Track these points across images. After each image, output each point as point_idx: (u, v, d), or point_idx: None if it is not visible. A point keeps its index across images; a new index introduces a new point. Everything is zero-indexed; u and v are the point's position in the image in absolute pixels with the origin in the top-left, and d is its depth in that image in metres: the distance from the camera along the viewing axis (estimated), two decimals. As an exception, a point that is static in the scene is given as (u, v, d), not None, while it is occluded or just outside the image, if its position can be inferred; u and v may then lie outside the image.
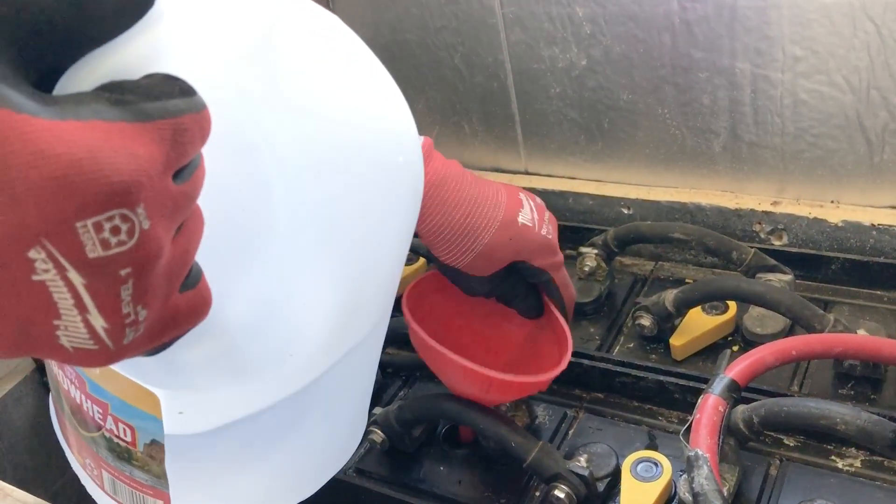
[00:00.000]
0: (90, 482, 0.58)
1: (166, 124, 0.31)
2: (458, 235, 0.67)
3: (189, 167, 0.34)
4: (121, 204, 0.29)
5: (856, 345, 0.71)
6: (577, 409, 0.84)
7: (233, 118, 0.42)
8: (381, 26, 1.13)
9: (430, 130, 1.17)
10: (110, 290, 0.31)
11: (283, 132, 0.45)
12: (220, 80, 0.41)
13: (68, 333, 0.31)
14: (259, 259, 0.46)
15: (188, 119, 0.32)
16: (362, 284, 0.52)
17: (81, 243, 0.29)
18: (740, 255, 0.87)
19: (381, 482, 0.80)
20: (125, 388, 0.48)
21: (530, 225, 0.69)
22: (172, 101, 0.32)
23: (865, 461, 0.72)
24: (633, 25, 0.95)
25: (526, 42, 1.03)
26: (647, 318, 0.86)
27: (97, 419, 0.52)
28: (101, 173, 0.28)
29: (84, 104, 0.30)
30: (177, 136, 0.32)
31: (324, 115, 0.48)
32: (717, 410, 0.64)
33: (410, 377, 0.92)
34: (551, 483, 0.70)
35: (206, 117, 0.34)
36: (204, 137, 0.34)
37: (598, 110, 1.03)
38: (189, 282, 0.36)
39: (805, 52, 0.86)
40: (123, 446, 0.51)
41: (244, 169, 0.44)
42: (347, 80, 0.51)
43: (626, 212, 1.05)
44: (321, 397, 0.55)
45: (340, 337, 0.52)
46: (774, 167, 0.96)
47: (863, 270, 0.89)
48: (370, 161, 0.50)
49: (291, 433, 0.55)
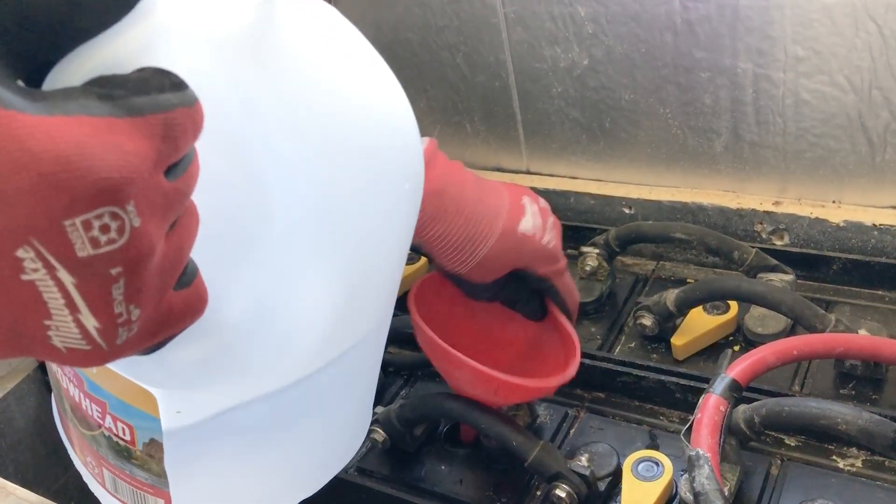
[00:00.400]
0: (92, 480, 0.57)
1: (157, 119, 0.31)
2: (457, 245, 0.66)
3: (182, 163, 0.33)
4: (110, 201, 0.29)
5: (857, 345, 0.71)
6: (578, 409, 0.84)
7: (227, 112, 0.41)
8: (383, 25, 1.13)
9: (432, 130, 1.17)
10: (101, 289, 0.30)
11: (280, 126, 0.45)
12: (213, 74, 0.41)
13: (60, 334, 0.30)
14: (255, 256, 0.45)
15: (180, 113, 0.32)
16: (361, 283, 0.51)
17: (70, 242, 0.28)
18: (742, 254, 0.87)
19: (382, 481, 0.80)
20: (123, 387, 0.48)
21: (531, 234, 0.68)
22: (163, 95, 0.31)
23: (866, 461, 0.72)
24: (635, 25, 0.95)
25: (528, 41, 1.03)
26: (649, 317, 0.86)
27: (96, 418, 0.52)
28: (89, 170, 0.28)
29: (72, 99, 0.29)
30: (168, 131, 0.31)
31: (322, 110, 0.47)
32: (719, 410, 0.64)
33: (412, 376, 0.92)
34: (552, 482, 0.70)
35: (198, 111, 0.33)
36: (196, 132, 0.33)
37: (600, 110, 1.03)
38: (184, 280, 0.36)
39: (807, 52, 0.86)
40: (123, 445, 0.51)
41: (239, 164, 0.43)
42: (346, 75, 0.50)
43: (627, 211, 1.05)
44: (321, 395, 0.54)
45: (339, 335, 0.52)
46: (776, 167, 0.96)
47: (864, 270, 0.89)
48: (370, 157, 0.49)
49: (292, 431, 0.55)
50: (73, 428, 0.56)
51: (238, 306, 0.45)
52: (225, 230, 0.42)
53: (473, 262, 0.67)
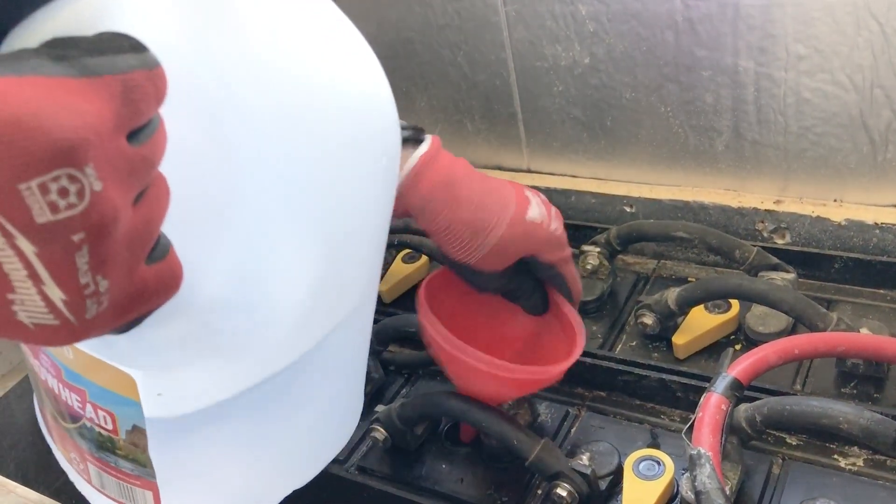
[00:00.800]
0: (79, 478, 0.56)
1: (115, 80, 0.30)
2: (469, 232, 0.67)
3: (146, 129, 0.32)
4: (66, 163, 0.28)
5: (859, 344, 0.71)
6: (579, 408, 0.84)
7: (195, 79, 0.40)
8: (384, 24, 1.13)
9: (433, 128, 1.17)
10: (64, 257, 0.29)
11: (250, 94, 0.43)
12: (178, 38, 0.40)
13: (26, 308, 0.29)
14: (230, 229, 0.44)
15: (139, 75, 0.31)
16: (341, 256, 0.49)
17: (27, 207, 0.27)
18: (743, 253, 0.87)
19: (383, 480, 0.80)
20: (101, 373, 0.47)
21: (539, 220, 0.70)
22: (121, 56, 0.30)
23: (868, 460, 0.72)
24: (636, 23, 0.95)
25: (529, 40, 1.03)
26: (650, 316, 0.86)
27: (76, 408, 0.50)
28: (42, 130, 0.27)
29: (23, 60, 0.28)
30: (128, 94, 0.30)
31: (293, 78, 0.46)
32: (720, 409, 0.64)
33: (413, 375, 0.92)
34: (553, 481, 0.70)
35: (159, 75, 0.32)
36: (159, 96, 0.32)
37: (601, 108, 1.03)
38: (156, 254, 0.35)
39: (808, 51, 0.86)
40: (106, 435, 0.50)
41: (209, 132, 0.42)
42: (317, 41, 0.48)
43: (628, 210, 1.05)
44: (308, 380, 0.53)
45: (322, 312, 0.50)
46: (777, 166, 0.95)
47: (866, 269, 0.89)
48: (343, 127, 0.48)
49: (280, 418, 0.54)
50: (55, 423, 0.55)
51: (215, 282, 0.43)
52: (197, 202, 0.41)
53: (485, 249, 0.68)
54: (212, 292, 0.43)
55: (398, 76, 1.18)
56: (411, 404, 0.78)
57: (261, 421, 0.53)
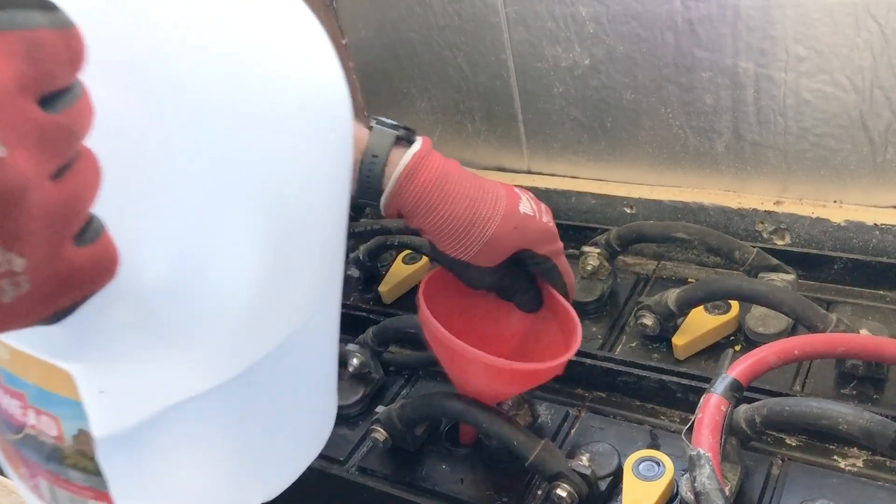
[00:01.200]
0: (31, 496, 0.53)
1: (15, 36, 0.27)
2: (464, 227, 0.67)
3: (65, 95, 0.30)
4: None
5: (858, 345, 0.71)
6: (579, 409, 0.84)
7: (128, 49, 0.38)
8: (385, 25, 1.13)
9: (433, 129, 1.17)
10: None
11: (188, 67, 0.41)
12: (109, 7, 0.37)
13: None
14: (169, 212, 0.41)
15: (47, 34, 0.28)
16: (290, 241, 0.47)
17: None
18: (743, 254, 0.87)
19: (383, 480, 0.80)
20: (40, 373, 0.44)
21: (531, 214, 0.71)
22: (24, 12, 0.28)
23: (867, 461, 0.72)
24: (636, 25, 0.95)
25: (529, 41, 1.03)
26: (650, 317, 0.86)
27: (18, 416, 0.47)
28: None
29: None
30: (32, 52, 0.28)
31: (233, 52, 0.44)
32: (720, 410, 0.64)
33: (413, 376, 0.92)
34: (553, 482, 0.70)
35: (74, 36, 0.30)
36: (74, 60, 0.30)
37: (601, 109, 1.04)
38: (88, 235, 0.32)
39: (808, 52, 0.86)
40: (52, 444, 0.47)
41: (145, 107, 0.39)
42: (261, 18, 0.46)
43: (628, 211, 1.05)
44: (267, 388, 0.50)
45: (273, 312, 0.47)
46: (777, 167, 0.95)
47: (865, 270, 0.89)
48: (286, 100, 0.45)
49: (241, 423, 0.51)
50: (2, 438, 0.51)
51: (156, 266, 0.41)
52: (133, 181, 0.38)
53: (480, 244, 0.68)
54: (153, 277, 0.40)
55: (398, 77, 1.18)
56: (411, 405, 0.78)
57: (222, 427, 0.50)
